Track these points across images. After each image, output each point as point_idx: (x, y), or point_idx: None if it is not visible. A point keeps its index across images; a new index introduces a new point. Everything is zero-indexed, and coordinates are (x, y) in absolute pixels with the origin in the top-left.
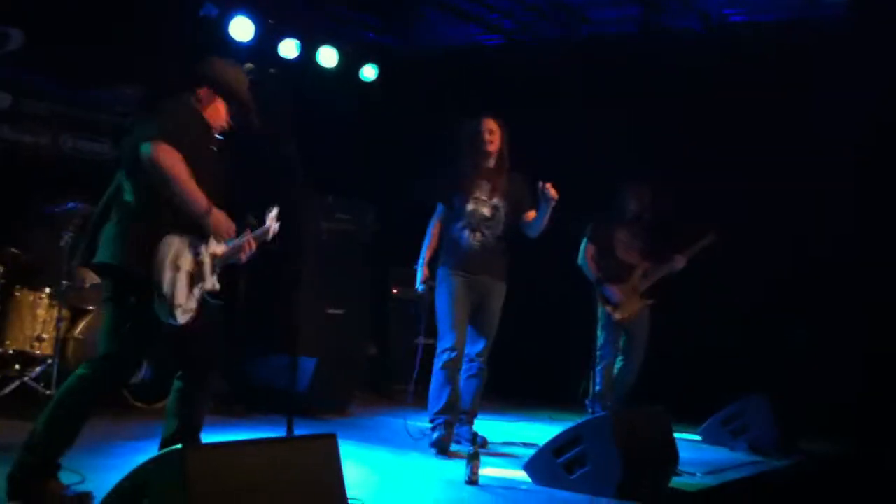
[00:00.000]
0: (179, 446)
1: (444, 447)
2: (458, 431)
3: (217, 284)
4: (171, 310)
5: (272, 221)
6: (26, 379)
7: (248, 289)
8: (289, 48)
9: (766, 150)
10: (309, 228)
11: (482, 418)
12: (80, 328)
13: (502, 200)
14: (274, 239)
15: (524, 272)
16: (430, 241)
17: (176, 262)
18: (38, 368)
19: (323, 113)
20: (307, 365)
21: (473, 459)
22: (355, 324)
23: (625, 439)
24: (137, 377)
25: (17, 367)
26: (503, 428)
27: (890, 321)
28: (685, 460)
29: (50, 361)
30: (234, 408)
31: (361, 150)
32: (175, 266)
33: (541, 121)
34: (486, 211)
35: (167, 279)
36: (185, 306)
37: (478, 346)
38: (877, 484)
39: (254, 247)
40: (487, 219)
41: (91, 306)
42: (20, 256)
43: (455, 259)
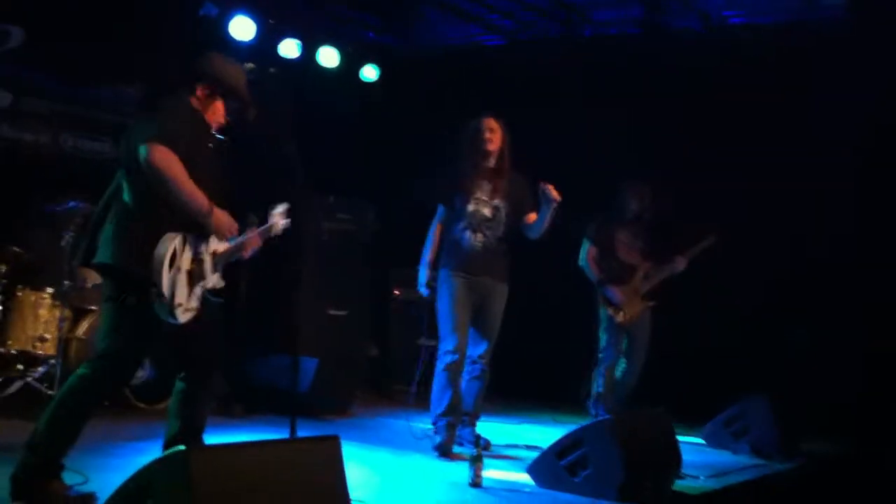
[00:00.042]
0: (183, 447)
1: (447, 450)
2: (460, 433)
3: (220, 282)
4: (171, 309)
5: (279, 217)
6: (29, 379)
7: (250, 289)
8: (289, 48)
9: (766, 151)
10: (310, 229)
11: (485, 420)
12: (83, 328)
13: (503, 201)
14: (277, 236)
15: (526, 273)
16: (431, 242)
17: (173, 260)
18: (40, 369)
19: (323, 113)
20: (308, 365)
21: (476, 462)
22: (356, 324)
23: (627, 442)
24: (140, 377)
25: (19, 367)
26: (506, 430)
27: (889, 321)
28: (688, 463)
29: (52, 362)
30: (235, 408)
31: (362, 150)
32: (173, 265)
33: (541, 121)
34: (486, 212)
35: (165, 278)
36: (185, 305)
37: (480, 348)
38: (878, 485)
39: (258, 243)
40: (488, 220)
41: (93, 306)
42: (22, 256)
43: (456, 260)
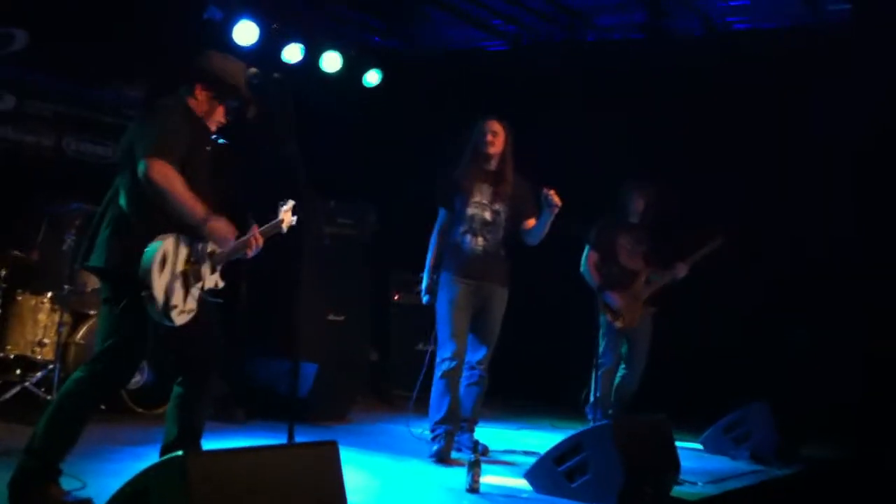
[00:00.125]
0: (181, 452)
1: (444, 457)
2: (458, 439)
3: (220, 282)
4: (166, 311)
5: (287, 214)
6: (27, 384)
7: (250, 291)
8: (292, 53)
9: (768, 155)
10: (311, 232)
11: (483, 426)
12: (82, 333)
13: (503, 205)
14: (281, 235)
15: (525, 277)
16: (434, 248)
17: (165, 262)
18: (39, 373)
19: (326, 117)
20: (308, 370)
21: (474, 467)
22: (356, 329)
23: (626, 447)
24: (138, 382)
25: (18, 372)
26: (504, 435)
27: (890, 323)
28: (686, 469)
29: (51, 366)
30: (235, 413)
31: (364, 154)
32: (163, 267)
33: (544, 125)
34: (487, 215)
35: (156, 280)
36: (181, 307)
37: (479, 353)
38: (878, 489)
39: (260, 242)
40: (489, 223)
41: (92, 311)
42: (22, 259)
43: (457, 264)
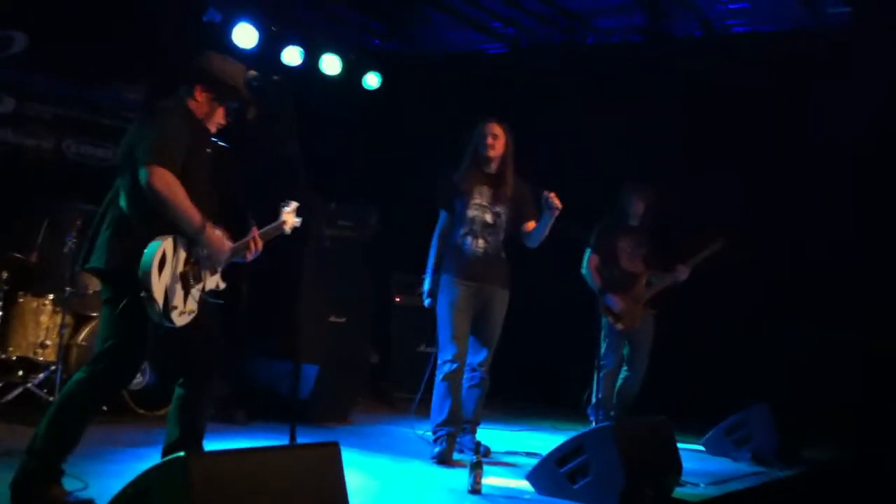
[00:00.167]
0: (182, 454)
1: (446, 458)
2: (460, 440)
3: (221, 283)
4: (167, 312)
5: (289, 216)
6: (29, 385)
7: (251, 294)
8: (292, 55)
9: (768, 157)
10: (312, 233)
11: (485, 427)
12: (84, 335)
13: (504, 207)
14: (283, 237)
15: (526, 279)
16: (435, 251)
17: (164, 263)
18: (41, 375)
19: (327, 120)
20: (309, 372)
21: (476, 468)
22: (357, 331)
23: (627, 449)
24: (140, 383)
25: (20, 373)
26: (506, 437)
27: (890, 324)
28: (688, 470)
29: (53, 368)
30: (236, 414)
31: (365, 156)
32: (163, 268)
33: (544, 128)
34: (487, 217)
35: (155, 281)
36: (181, 308)
37: (480, 355)
38: (878, 490)
39: (259, 245)
40: (489, 225)
41: (94, 313)
42: (23, 261)
43: (457, 266)
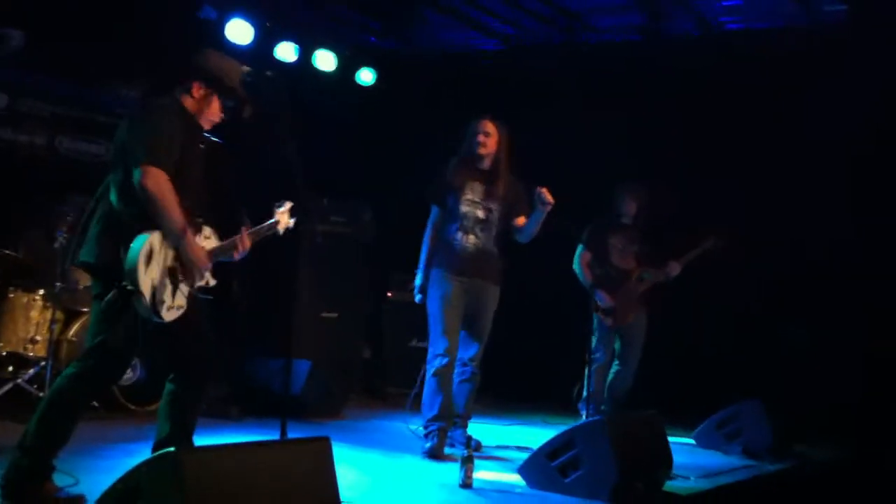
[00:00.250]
0: (173, 449)
1: (438, 453)
2: (451, 435)
3: (211, 280)
4: (155, 307)
5: (282, 216)
6: (19, 381)
7: (245, 290)
8: (286, 51)
9: (764, 155)
10: (306, 230)
11: (476, 421)
12: (74, 330)
13: (496, 204)
14: (276, 236)
15: (518, 275)
16: (428, 246)
17: (150, 257)
18: (31, 371)
19: (320, 116)
20: (302, 368)
21: (467, 463)
22: (350, 327)
23: (619, 443)
24: (130, 379)
25: (10, 369)
26: (497, 431)
27: (888, 324)
28: (679, 464)
29: (43, 363)
30: (230, 410)
31: (359, 153)
32: (150, 262)
33: (540, 126)
34: (480, 213)
35: (142, 275)
36: (169, 303)
37: (470, 350)
38: (872, 488)
39: (247, 245)
40: (481, 221)
41: (85, 308)
42: (13, 257)
43: (449, 262)
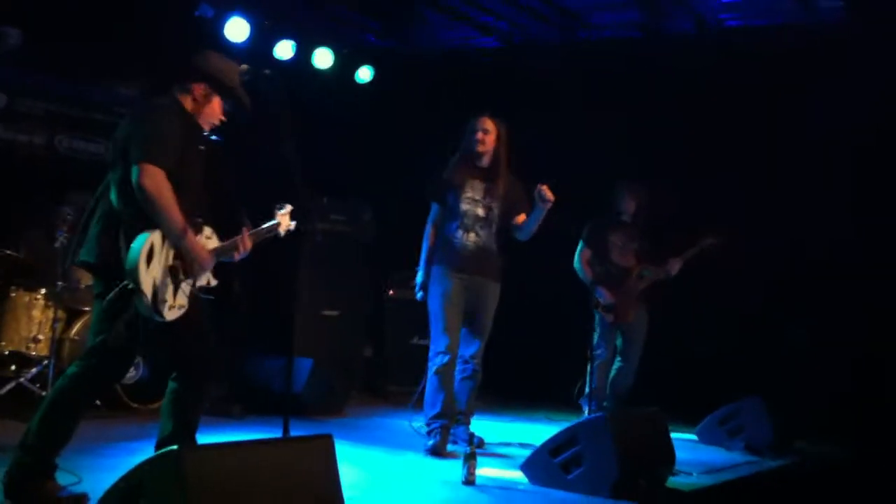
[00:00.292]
0: (176, 447)
1: (440, 451)
2: (454, 432)
3: (212, 280)
4: (156, 306)
5: (283, 218)
6: (22, 380)
7: (246, 289)
8: (284, 50)
9: (763, 152)
10: (306, 229)
11: (478, 418)
12: (76, 329)
13: (496, 201)
14: (277, 238)
15: (520, 272)
16: (428, 243)
17: (151, 256)
18: (33, 370)
19: (318, 114)
20: (303, 366)
21: (470, 460)
22: (351, 325)
23: (621, 439)
24: (133, 377)
25: (12, 368)
26: (500, 428)
27: (887, 322)
28: (681, 460)
29: (46, 362)
30: (232, 409)
31: (358, 151)
32: (151, 260)
33: (538, 124)
34: (480, 211)
35: (143, 274)
36: (171, 302)
37: (472, 347)
38: (873, 484)
39: (248, 246)
40: (481, 219)
41: (87, 307)
42: (14, 257)
43: (450, 259)
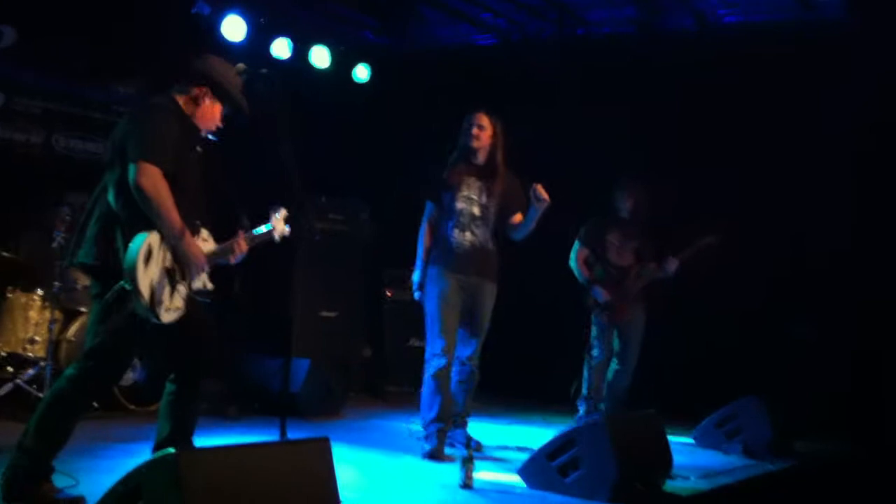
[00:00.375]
0: (173, 450)
1: (438, 455)
2: (451, 435)
3: (208, 284)
4: (153, 307)
5: (278, 223)
6: (19, 381)
7: (242, 289)
8: (281, 48)
9: (763, 150)
10: (303, 229)
11: (475, 421)
12: (73, 330)
13: (492, 200)
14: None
15: (516, 272)
16: (424, 243)
17: (149, 257)
18: (30, 371)
19: (316, 113)
20: (301, 366)
21: (468, 463)
22: (349, 325)
23: (619, 443)
24: (130, 379)
25: (9, 369)
26: (497, 431)
27: (886, 321)
28: (679, 464)
29: (43, 364)
30: (228, 409)
31: (355, 150)
32: (148, 261)
33: (535, 120)
34: (475, 210)
35: (140, 275)
36: (167, 304)
37: (469, 348)
38: (873, 486)
39: (244, 249)
40: (477, 218)
41: (84, 308)
42: (11, 258)
43: (446, 259)
